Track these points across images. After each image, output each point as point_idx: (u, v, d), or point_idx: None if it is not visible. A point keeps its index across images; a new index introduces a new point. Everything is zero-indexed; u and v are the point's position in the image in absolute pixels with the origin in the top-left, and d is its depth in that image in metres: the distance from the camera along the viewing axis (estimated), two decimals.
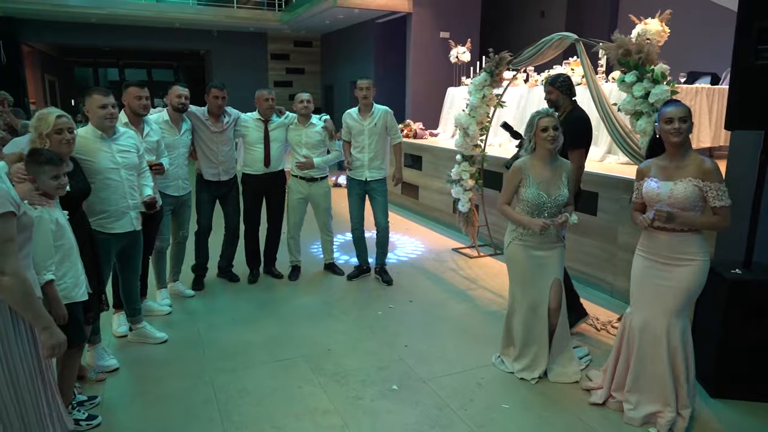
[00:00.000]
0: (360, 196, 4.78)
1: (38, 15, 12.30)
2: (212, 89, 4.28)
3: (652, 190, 2.62)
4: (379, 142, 4.63)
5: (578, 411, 2.89)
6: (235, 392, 3.04)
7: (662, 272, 2.64)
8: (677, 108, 2.56)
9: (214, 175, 4.41)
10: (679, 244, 2.60)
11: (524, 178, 3.00)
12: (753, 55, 2.71)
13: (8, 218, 1.77)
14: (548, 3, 11.49)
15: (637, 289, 2.76)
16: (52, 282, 2.28)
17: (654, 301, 2.68)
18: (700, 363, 3.15)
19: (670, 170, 2.60)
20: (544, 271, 3.07)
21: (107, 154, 3.10)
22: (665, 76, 3.54)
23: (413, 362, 3.39)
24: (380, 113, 4.61)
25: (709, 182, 2.52)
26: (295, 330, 3.86)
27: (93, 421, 2.68)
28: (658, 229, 2.62)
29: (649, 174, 2.67)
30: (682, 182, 2.54)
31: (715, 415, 2.85)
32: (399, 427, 2.73)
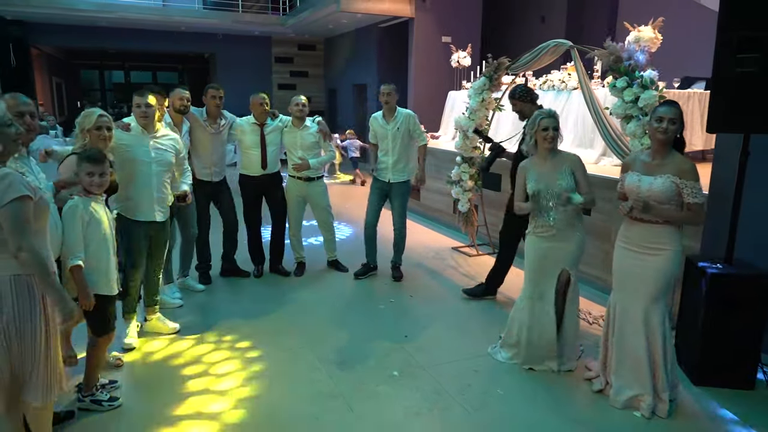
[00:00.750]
0: (380, 195, 4.93)
1: (48, 19, 12.54)
2: (209, 90, 4.46)
3: (632, 183, 2.82)
4: (402, 146, 4.78)
5: (568, 396, 3.07)
6: (246, 378, 3.23)
7: (638, 260, 2.85)
8: (670, 109, 2.74)
9: (207, 175, 4.55)
10: (652, 235, 2.81)
11: (527, 175, 3.20)
12: (732, 62, 2.90)
13: (25, 201, 1.98)
14: (549, 9, 11.69)
15: (618, 277, 2.97)
16: (80, 267, 2.49)
17: (632, 288, 2.89)
18: (684, 352, 3.35)
19: (652, 167, 2.81)
20: (554, 263, 3.23)
21: (143, 148, 3.41)
22: (654, 81, 3.74)
23: (413, 351, 3.58)
24: (403, 117, 4.77)
25: (685, 180, 2.72)
26: (301, 322, 4.05)
27: (114, 402, 2.86)
28: (636, 219, 2.82)
29: (633, 167, 2.87)
30: (661, 178, 2.74)
31: (697, 402, 3.03)
32: (400, 410, 2.91)
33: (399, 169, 4.81)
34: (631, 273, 2.89)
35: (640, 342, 2.87)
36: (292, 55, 15.91)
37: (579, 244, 3.23)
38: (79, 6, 11.87)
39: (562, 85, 6.27)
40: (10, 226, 1.95)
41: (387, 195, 4.92)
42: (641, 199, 2.74)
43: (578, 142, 5.97)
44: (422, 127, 5.01)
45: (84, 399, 2.80)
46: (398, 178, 4.82)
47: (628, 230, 2.91)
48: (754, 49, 2.82)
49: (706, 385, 3.17)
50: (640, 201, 2.72)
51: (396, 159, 4.78)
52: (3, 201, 1.94)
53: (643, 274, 2.85)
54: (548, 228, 3.17)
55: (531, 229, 3.28)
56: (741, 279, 3.07)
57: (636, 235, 2.86)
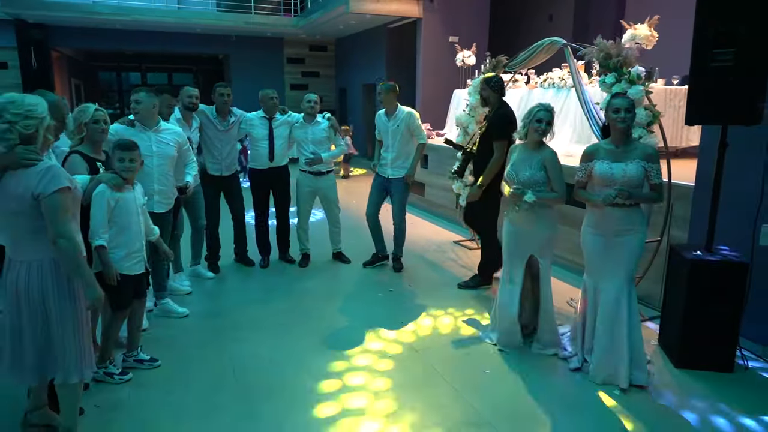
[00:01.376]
0: (380, 190, 5.14)
1: (67, 22, 12.93)
2: (217, 88, 4.71)
3: (605, 171, 2.98)
4: (402, 143, 4.96)
5: (552, 375, 3.23)
6: (250, 356, 3.44)
7: (612, 244, 3.04)
8: (623, 100, 2.98)
9: (217, 170, 4.81)
10: (627, 217, 3.01)
11: (509, 159, 3.41)
12: (709, 57, 3.03)
13: (66, 192, 2.19)
14: (556, 7, 11.77)
15: (592, 262, 3.14)
16: (103, 247, 2.76)
17: (607, 270, 3.07)
18: (666, 336, 3.49)
19: (617, 153, 2.99)
20: (524, 247, 3.42)
21: (145, 143, 3.60)
22: (641, 77, 3.86)
23: (407, 335, 3.76)
24: (404, 115, 4.95)
25: (651, 164, 2.95)
26: (304, 308, 4.25)
27: (125, 377, 3.09)
28: (609, 205, 2.98)
29: (597, 156, 3.03)
30: (633, 164, 2.94)
31: (676, 383, 3.17)
32: (392, 386, 3.09)
33: (398, 165, 4.98)
34: (606, 256, 3.06)
35: (617, 320, 3.04)
36: (304, 56, 16.16)
37: (547, 233, 3.37)
38: (97, 9, 12.25)
39: (561, 82, 6.40)
40: (52, 215, 2.15)
41: (387, 190, 5.10)
42: (624, 187, 2.93)
43: (577, 138, 6.09)
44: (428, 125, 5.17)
45: (98, 371, 3.03)
46: (397, 174, 5.00)
47: (601, 218, 3.07)
48: (729, 44, 2.95)
49: (686, 367, 3.30)
50: (625, 191, 2.91)
51: (395, 155, 4.95)
52: (48, 191, 2.14)
53: (618, 256, 3.03)
54: (514, 213, 3.36)
55: (506, 212, 3.48)
56: (719, 266, 3.20)
57: (613, 221, 3.03)
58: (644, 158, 2.96)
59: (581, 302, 3.26)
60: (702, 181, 3.76)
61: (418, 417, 2.79)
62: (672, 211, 4.01)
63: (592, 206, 3.14)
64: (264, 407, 2.88)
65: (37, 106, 2.21)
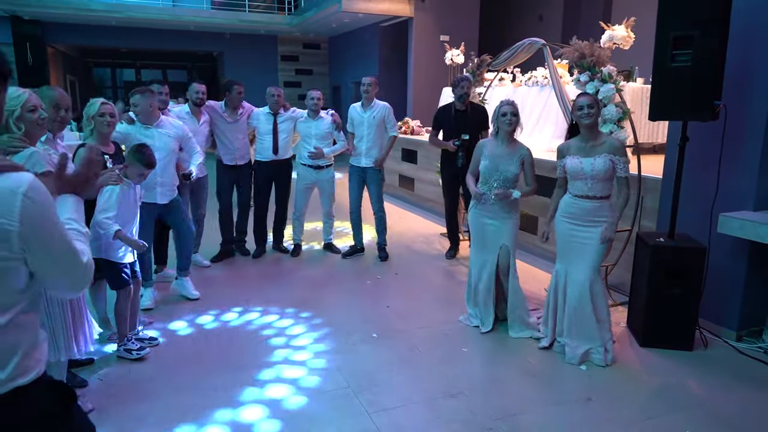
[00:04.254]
0: (358, 181, 5.38)
1: (63, 18, 13.07)
2: (235, 86, 4.99)
3: (576, 166, 3.23)
4: (377, 134, 5.21)
5: (527, 354, 3.47)
6: (245, 335, 3.67)
7: (585, 233, 3.28)
8: (585, 98, 3.23)
9: (231, 159, 5.12)
10: (598, 209, 3.26)
11: (481, 154, 3.64)
12: (669, 58, 3.28)
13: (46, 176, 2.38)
14: (546, 7, 12.03)
15: (564, 249, 3.38)
16: (119, 230, 3.04)
17: (579, 258, 3.30)
18: (633, 317, 3.75)
19: (587, 149, 3.24)
20: (494, 238, 3.67)
21: (149, 139, 3.85)
22: (612, 76, 4.11)
23: (393, 318, 4.00)
24: (380, 107, 5.21)
25: (618, 156, 3.18)
26: (297, 295, 4.47)
27: (142, 352, 3.33)
28: (583, 197, 3.25)
29: (569, 153, 3.28)
30: (600, 158, 3.17)
31: (639, 359, 3.42)
32: (375, 363, 3.33)
33: (372, 155, 5.23)
34: (577, 243, 3.30)
35: (588, 304, 3.28)
36: (298, 54, 16.36)
37: (514, 225, 3.68)
38: (92, 6, 12.40)
39: (545, 80, 6.64)
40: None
41: (364, 181, 5.34)
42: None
43: (560, 134, 6.33)
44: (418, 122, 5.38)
45: (119, 348, 3.30)
46: (371, 163, 5.24)
47: (575, 208, 3.31)
48: (687, 46, 3.19)
49: (650, 346, 3.55)
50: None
51: (369, 146, 5.20)
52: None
53: (589, 244, 3.26)
54: (489, 206, 3.61)
55: (473, 203, 3.72)
56: (679, 251, 3.45)
57: (586, 211, 3.28)
58: (611, 152, 3.19)
59: (551, 287, 3.50)
60: (668, 174, 4.01)
61: (399, 390, 3.03)
62: (642, 203, 4.27)
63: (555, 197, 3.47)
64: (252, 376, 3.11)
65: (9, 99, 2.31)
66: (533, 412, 2.84)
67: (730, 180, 3.48)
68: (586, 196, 3.26)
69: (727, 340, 3.61)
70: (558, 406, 2.90)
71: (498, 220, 3.65)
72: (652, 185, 4.27)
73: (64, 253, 1.22)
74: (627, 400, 2.97)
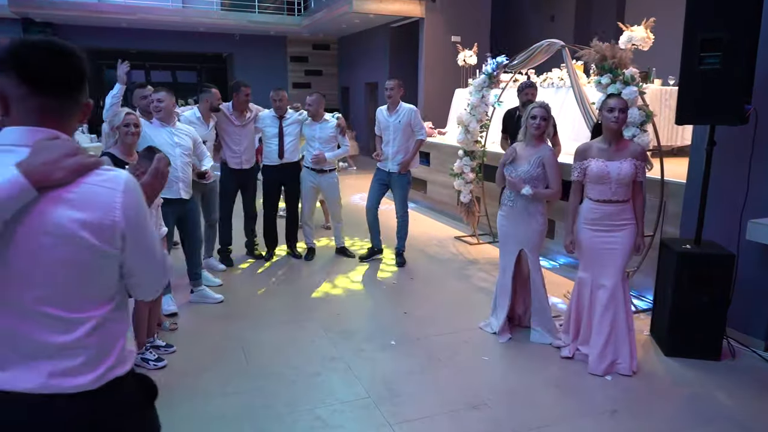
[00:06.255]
0: (381, 182, 5.30)
1: (74, 21, 13.10)
2: (242, 87, 4.90)
3: (602, 169, 3.15)
4: (403, 138, 5.12)
5: (549, 363, 3.40)
6: (258, 342, 3.62)
7: (609, 237, 3.20)
8: (617, 100, 3.14)
9: (237, 163, 5.03)
10: (620, 213, 3.19)
11: (513, 155, 3.55)
12: (697, 61, 3.20)
13: None
14: (558, 7, 11.92)
15: (588, 256, 3.29)
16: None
17: (604, 264, 3.22)
18: (657, 325, 3.66)
19: (610, 152, 3.16)
20: (514, 241, 3.59)
21: (167, 137, 3.89)
22: (634, 78, 4.03)
23: (410, 325, 3.94)
24: (405, 111, 5.11)
25: (640, 161, 3.13)
26: (310, 299, 4.43)
27: (159, 363, 3.27)
28: (605, 202, 3.17)
29: (591, 155, 3.20)
30: (627, 162, 3.11)
31: (665, 369, 3.34)
32: (394, 371, 3.27)
33: (399, 159, 5.14)
34: (602, 250, 3.22)
35: (613, 312, 3.20)
36: (307, 55, 16.32)
37: (537, 229, 3.55)
38: (102, 8, 12.42)
39: (561, 82, 6.56)
40: None
41: (387, 184, 5.27)
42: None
43: (575, 136, 6.25)
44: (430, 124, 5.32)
45: (137, 356, 3.23)
46: (398, 168, 5.16)
47: (595, 212, 3.23)
48: (715, 48, 3.11)
49: (675, 355, 3.46)
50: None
51: (396, 150, 5.12)
52: None
53: (613, 249, 3.19)
54: (509, 208, 3.54)
55: (499, 208, 3.66)
56: (707, 258, 3.37)
57: (605, 216, 3.20)
58: (635, 156, 3.14)
59: (574, 295, 3.42)
60: (693, 178, 3.92)
61: (420, 400, 2.96)
62: (665, 208, 4.18)
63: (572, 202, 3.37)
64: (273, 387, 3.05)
65: None
66: (559, 424, 2.76)
67: (760, 186, 3.39)
68: (608, 200, 3.18)
69: (755, 350, 3.51)
70: (584, 419, 2.83)
71: (521, 222, 3.56)
72: (674, 190, 4.18)
73: (154, 252, 1.26)
74: (654, 412, 2.89)
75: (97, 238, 1.13)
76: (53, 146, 1.11)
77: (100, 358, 1.18)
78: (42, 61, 1.14)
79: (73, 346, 1.14)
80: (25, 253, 1.09)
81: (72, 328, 1.14)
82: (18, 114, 1.15)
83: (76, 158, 1.12)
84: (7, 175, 1.04)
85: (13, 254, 1.09)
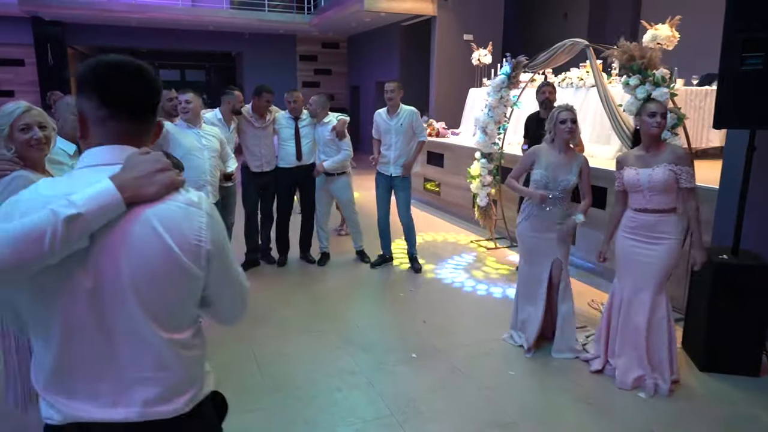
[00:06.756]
0: (386, 189, 5.17)
1: (83, 19, 13.04)
2: (265, 93, 4.81)
3: (632, 177, 3.00)
4: (404, 141, 4.98)
5: (578, 378, 3.24)
6: (274, 354, 3.49)
7: (645, 249, 3.02)
8: (659, 104, 2.97)
9: (258, 166, 4.95)
10: (660, 224, 2.99)
11: (536, 161, 3.38)
12: (738, 62, 3.03)
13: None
14: (571, 5, 11.70)
15: (623, 265, 3.14)
16: None
17: (639, 276, 3.06)
18: (691, 339, 3.49)
19: (646, 159, 3.00)
20: (546, 251, 3.43)
21: (195, 138, 3.87)
22: (665, 79, 3.86)
23: (430, 335, 3.79)
24: (406, 113, 4.97)
25: (681, 166, 2.91)
26: (326, 307, 4.29)
27: None
28: (642, 210, 2.99)
29: (627, 163, 3.04)
30: (660, 168, 2.93)
31: (702, 386, 3.17)
32: (416, 387, 3.13)
33: (401, 163, 4.99)
34: (637, 262, 3.06)
35: (644, 327, 3.04)
36: (316, 53, 16.18)
37: (567, 237, 3.43)
38: (112, 7, 12.35)
39: (580, 82, 6.38)
40: None
41: (391, 187, 5.13)
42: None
43: (596, 138, 6.08)
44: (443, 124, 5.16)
45: None
46: (400, 172, 5.01)
47: (633, 221, 3.07)
48: (757, 48, 2.94)
49: (711, 371, 3.30)
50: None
51: (398, 153, 4.97)
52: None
53: (649, 263, 3.01)
54: (539, 216, 3.37)
55: (523, 217, 3.47)
56: (744, 269, 3.20)
57: (645, 225, 3.03)
58: (673, 161, 2.93)
59: (607, 305, 3.27)
60: (727, 184, 3.75)
61: (446, 419, 2.82)
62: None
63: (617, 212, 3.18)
64: (292, 404, 2.92)
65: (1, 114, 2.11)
66: None
67: None
68: (644, 209, 3.02)
69: None
70: None
71: (550, 232, 3.40)
72: (705, 195, 4.00)
73: (236, 275, 1.26)
74: None
75: (186, 256, 1.10)
76: (146, 161, 1.09)
77: (190, 381, 1.16)
78: (124, 84, 1.13)
79: (165, 369, 1.11)
80: (115, 271, 1.05)
81: (165, 350, 1.11)
82: (96, 136, 1.13)
83: (168, 174, 1.10)
84: (100, 187, 1.02)
85: (102, 273, 1.05)
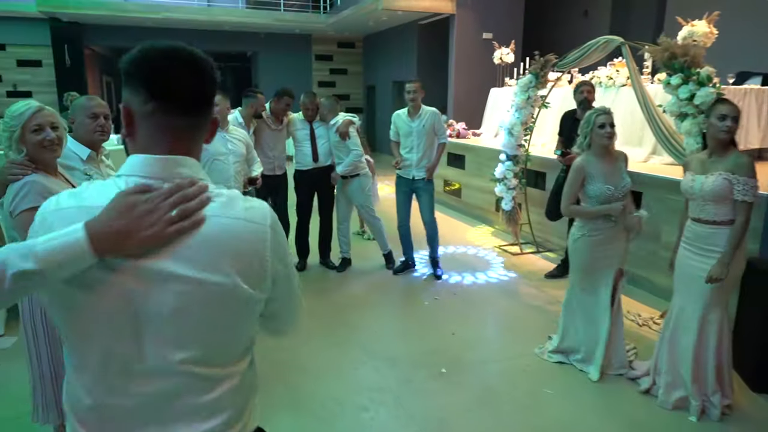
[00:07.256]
0: (406, 193, 4.99)
1: (100, 20, 13.05)
2: (286, 96, 4.70)
3: (686, 184, 2.79)
4: (427, 143, 4.79)
5: (623, 399, 3.03)
6: (296, 368, 3.32)
7: (697, 263, 2.80)
8: (732, 107, 2.70)
9: (270, 169, 4.78)
10: (712, 237, 2.75)
11: (586, 176, 3.11)
12: None
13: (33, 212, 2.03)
14: (592, 2, 11.42)
15: (677, 278, 2.93)
16: None
17: (689, 289, 2.84)
18: (741, 357, 3.26)
19: (707, 164, 2.77)
20: (609, 262, 3.19)
21: (221, 142, 3.75)
22: (711, 78, 3.63)
23: (459, 349, 3.60)
24: (428, 114, 4.79)
25: (738, 175, 2.63)
26: (348, 316, 4.12)
27: None
28: (694, 220, 2.80)
29: (690, 168, 2.83)
30: (713, 176, 2.68)
31: (755, 409, 2.95)
32: (449, 406, 2.94)
33: (423, 165, 4.81)
34: (690, 274, 2.84)
35: (692, 344, 2.82)
36: (332, 53, 16.05)
37: (626, 244, 3.23)
38: (128, 7, 12.33)
39: (609, 81, 6.14)
40: (20, 236, 1.94)
41: (412, 191, 4.95)
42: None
43: (626, 139, 5.82)
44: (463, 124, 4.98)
45: None
46: (423, 175, 4.82)
47: (689, 231, 2.87)
48: None
49: (764, 392, 3.08)
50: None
51: (421, 156, 4.78)
52: (16, 212, 1.95)
53: (701, 277, 2.78)
54: (607, 229, 3.13)
55: (584, 231, 3.19)
56: None
57: (695, 237, 2.82)
58: (731, 168, 2.66)
59: (666, 320, 3.05)
60: None
61: None
62: None
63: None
64: (318, 426, 2.75)
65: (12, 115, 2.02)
66: None
67: None
68: (698, 219, 2.80)
69: None
70: None
71: (614, 239, 3.17)
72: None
73: (297, 290, 1.18)
74: None
75: (246, 281, 0.97)
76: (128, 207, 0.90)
77: (238, 417, 1.06)
78: (174, 74, 0.96)
79: (213, 407, 1.01)
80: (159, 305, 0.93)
81: (215, 386, 1.00)
82: (143, 134, 0.98)
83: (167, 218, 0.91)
84: (70, 237, 0.88)
85: (151, 310, 0.94)
